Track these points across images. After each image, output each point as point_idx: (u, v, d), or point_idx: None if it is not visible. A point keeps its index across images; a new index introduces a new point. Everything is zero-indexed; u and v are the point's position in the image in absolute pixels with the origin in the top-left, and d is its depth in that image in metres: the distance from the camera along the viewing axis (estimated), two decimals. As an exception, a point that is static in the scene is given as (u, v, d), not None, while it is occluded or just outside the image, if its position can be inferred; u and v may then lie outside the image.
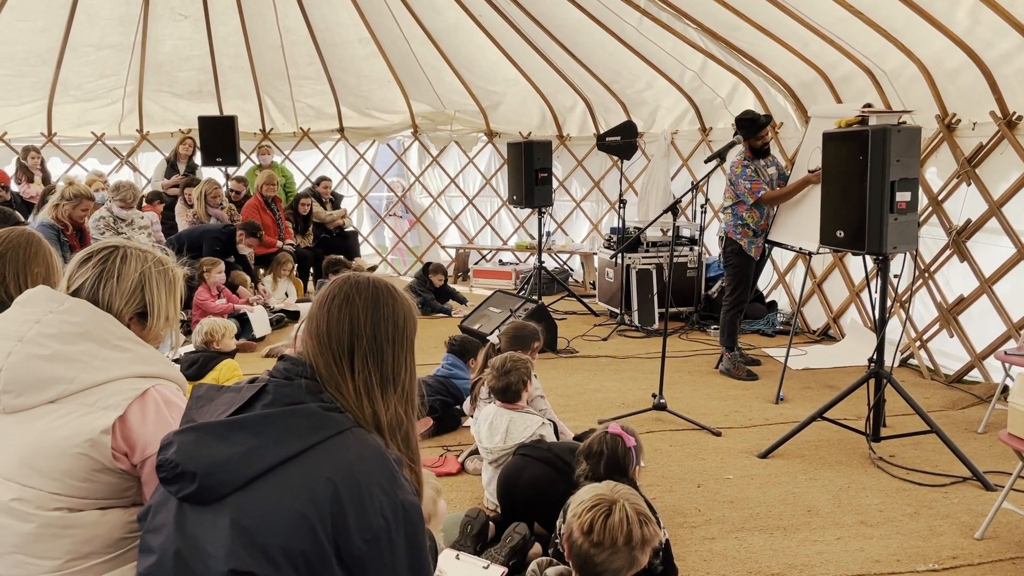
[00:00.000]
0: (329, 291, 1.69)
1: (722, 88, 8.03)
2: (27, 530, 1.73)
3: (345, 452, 1.52)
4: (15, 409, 1.77)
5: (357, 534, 1.47)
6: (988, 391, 5.36)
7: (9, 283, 2.47)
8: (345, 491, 1.47)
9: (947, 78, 5.63)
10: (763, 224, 6.06)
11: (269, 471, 1.48)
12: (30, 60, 9.05)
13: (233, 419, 1.56)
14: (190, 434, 1.55)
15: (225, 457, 1.49)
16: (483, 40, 9.21)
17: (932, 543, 3.45)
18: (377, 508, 1.49)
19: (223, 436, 1.52)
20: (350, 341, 1.63)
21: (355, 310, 1.65)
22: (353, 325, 1.64)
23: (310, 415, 1.55)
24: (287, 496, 1.46)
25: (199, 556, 1.47)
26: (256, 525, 1.45)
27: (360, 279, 1.71)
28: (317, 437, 1.52)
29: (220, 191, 8.57)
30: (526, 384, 3.80)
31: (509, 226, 11.07)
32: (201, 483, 1.48)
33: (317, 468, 1.49)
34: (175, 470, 1.50)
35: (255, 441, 1.51)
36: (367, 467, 1.52)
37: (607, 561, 2.18)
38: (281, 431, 1.52)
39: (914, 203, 4.13)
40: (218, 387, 1.70)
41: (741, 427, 4.95)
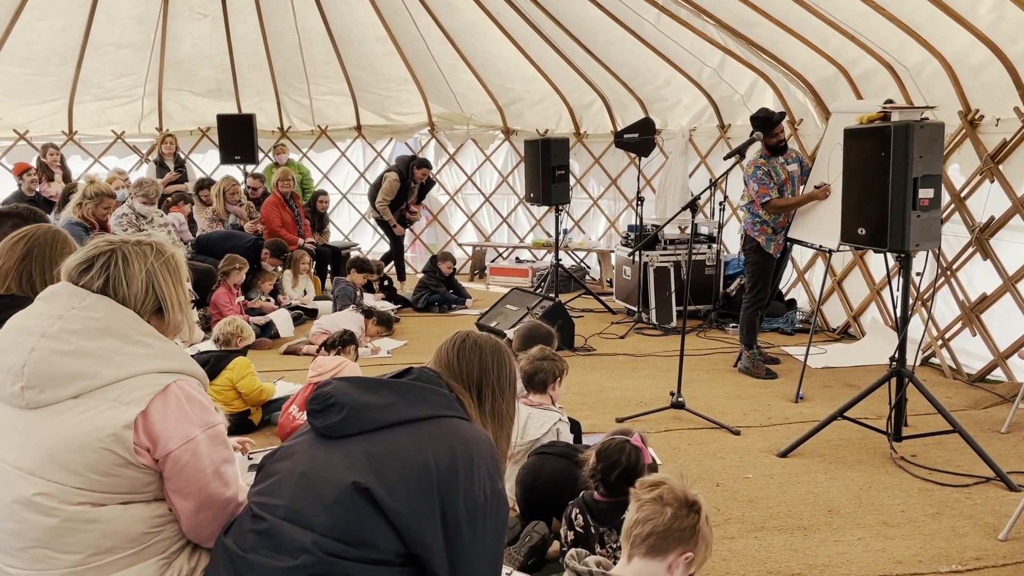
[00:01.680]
0: (458, 337, 2.11)
1: (741, 85, 7.98)
2: (50, 524, 1.74)
3: (465, 431, 1.84)
4: (38, 404, 1.78)
5: (462, 501, 1.71)
6: (1011, 390, 5.29)
7: (36, 279, 2.49)
8: (461, 460, 1.75)
9: (970, 74, 5.56)
10: (782, 221, 6.01)
11: (403, 424, 1.79)
12: (51, 59, 9.14)
13: (382, 378, 1.92)
14: (345, 382, 1.88)
15: (371, 402, 1.81)
16: (500, 38, 9.20)
17: (955, 544, 3.41)
18: (481, 484, 1.75)
19: (372, 389, 1.86)
20: (479, 376, 2.03)
21: (484, 354, 2.06)
22: (482, 365, 2.05)
23: (443, 396, 1.90)
24: (414, 447, 1.74)
25: (321, 472, 1.72)
26: (385, 457, 1.72)
27: (484, 335, 2.14)
28: (445, 412, 1.86)
29: (239, 188, 8.61)
30: (555, 379, 3.77)
31: (526, 224, 11.06)
32: (346, 415, 1.78)
33: (442, 434, 1.79)
34: (328, 400, 1.81)
35: (396, 398, 1.84)
36: (480, 448, 1.81)
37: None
38: (418, 397, 1.86)
39: (937, 200, 4.09)
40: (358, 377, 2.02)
41: (760, 426, 4.92)
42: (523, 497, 3.48)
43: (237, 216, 8.48)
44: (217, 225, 8.46)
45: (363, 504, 1.67)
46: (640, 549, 2.12)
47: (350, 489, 1.67)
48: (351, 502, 1.67)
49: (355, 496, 1.67)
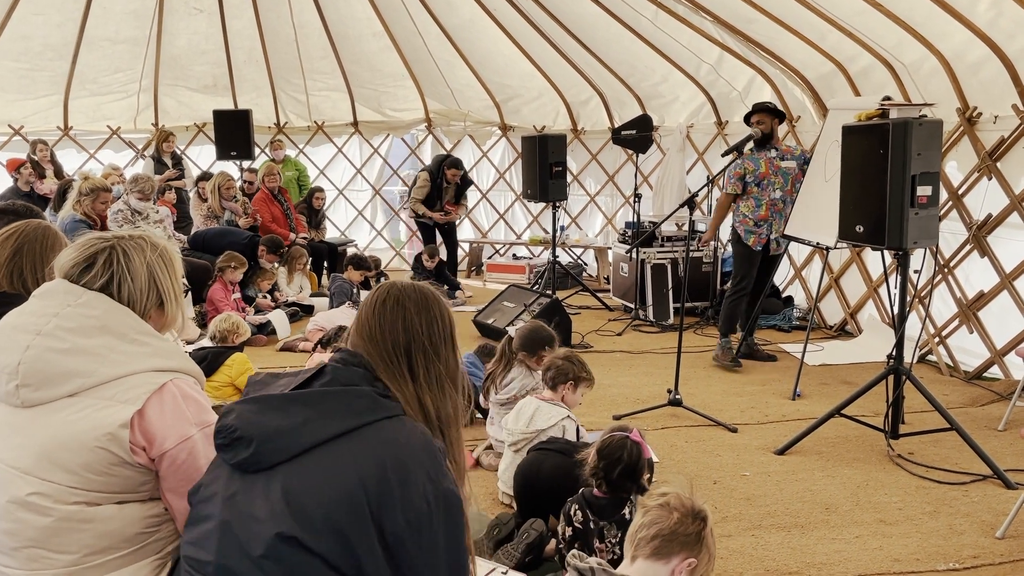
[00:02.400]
0: (377, 296, 1.79)
1: (739, 81, 7.97)
2: (45, 524, 1.72)
3: (394, 434, 1.60)
4: (33, 403, 1.77)
5: (400, 514, 1.53)
6: (1008, 388, 5.30)
7: (27, 276, 2.48)
8: (392, 471, 1.54)
9: (968, 71, 5.55)
10: (762, 215, 6.08)
11: (321, 444, 1.56)
12: (46, 54, 9.10)
13: (292, 393, 1.66)
14: (250, 404, 1.64)
15: (282, 426, 1.58)
16: (497, 34, 9.17)
17: (952, 542, 3.40)
18: (421, 491, 1.55)
19: (281, 408, 1.61)
20: (406, 342, 1.73)
21: (408, 313, 1.75)
22: (408, 326, 1.74)
23: (364, 396, 1.64)
24: (337, 469, 1.54)
25: (246, 521, 1.54)
26: (305, 493, 1.52)
27: (405, 284, 1.82)
28: (370, 417, 1.60)
29: (234, 183, 8.58)
30: (566, 382, 3.75)
31: (523, 220, 11.04)
32: (256, 449, 1.56)
33: (367, 446, 1.57)
34: (233, 434, 1.59)
35: (310, 414, 1.59)
36: (415, 451, 1.59)
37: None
38: (336, 408, 1.61)
39: (935, 197, 4.08)
40: (276, 374, 1.79)
41: (758, 423, 4.92)
42: (521, 494, 3.47)
43: (233, 212, 8.45)
44: (212, 222, 8.44)
45: (293, 553, 1.51)
46: (644, 551, 2.11)
47: (275, 541, 1.50)
48: (280, 555, 1.51)
49: (282, 547, 1.50)
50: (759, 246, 6.14)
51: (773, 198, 6.05)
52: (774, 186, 6.05)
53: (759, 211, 6.07)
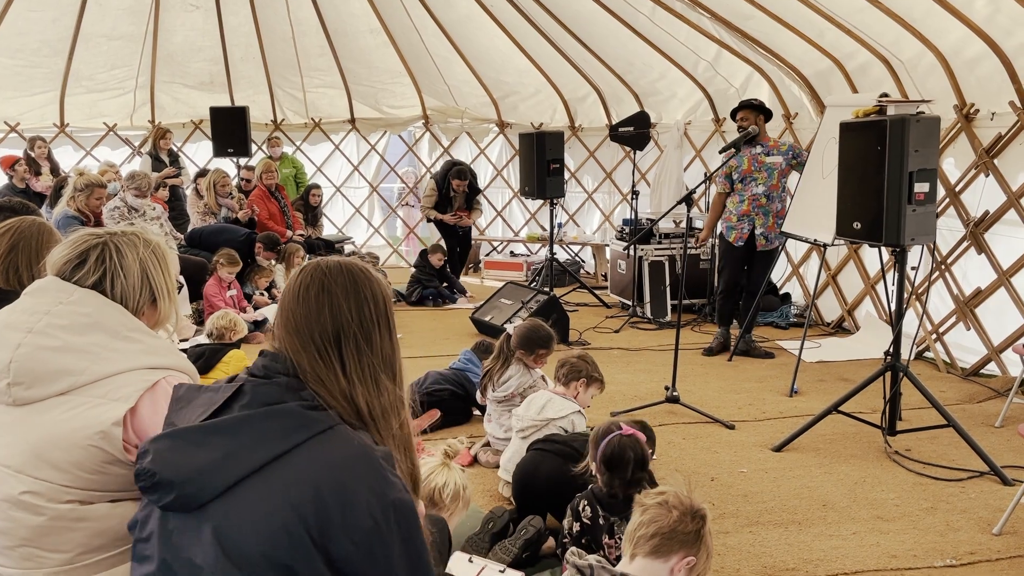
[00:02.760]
0: (301, 280, 1.60)
1: (736, 78, 7.96)
2: (38, 523, 1.71)
3: (328, 452, 1.45)
4: (25, 401, 1.76)
5: (345, 536, 1.41)
6: (1005, 385, 5.30)
7: (23, 273, 2.47)
8: (329, 493, 1.41)
9: (966, 67, 5.55)
10: (744, 210, 6.16)
11: (249, 476, 1.42)
12: (42, 51, 9.08)
13: (209, 423, 1.49)
14: (165, 441, 1.49)
15: (202, 464, 1.43)
16: (495, 30, 9.16)
17: (949, 538, 3.41)
18: (364, 508, 1.42)
19: (199, 442, 1.46)
20: (335, 332, 1.55)
21: (335, 298, 1.57)
22: (335, 314, 1.56)
23: (290, 415, 1.47)
24: (269, 501, 1.40)
25: (186, 567, 1.43)
26: (239, 533, 1.40)
27: (331, 264, 1.62)
28: (298, 438, 1.45)
29: (229, 180, 8.57)
30: (578, 380, 3.83)
31: (520, 217, 11.03)
32: (179, 491, 1.43)
33: (298, 471, 1.42)
34: (152, 479, 1.45)
35: (232, 445, 1.44)
36: (352, 466, 1.45)
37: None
38: (259, 434, 1.45)
39: (932, 194, 4.08)
40: (198, 387, 1.63)
41: (755, 420, 4.92)
42: (519, 493, 3.47)
43: (229, 209, 8.44)
44: (209, 219, 8.42)
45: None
46: (643, 549, 2.11)
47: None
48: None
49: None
50: (740, 242, 6.22)
51: (755, 193, 6.13)
52: (756, 182, 6.13)
53: (741, 206, 6.18)
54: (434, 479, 2.67)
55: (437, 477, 2.68)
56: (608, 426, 2.93)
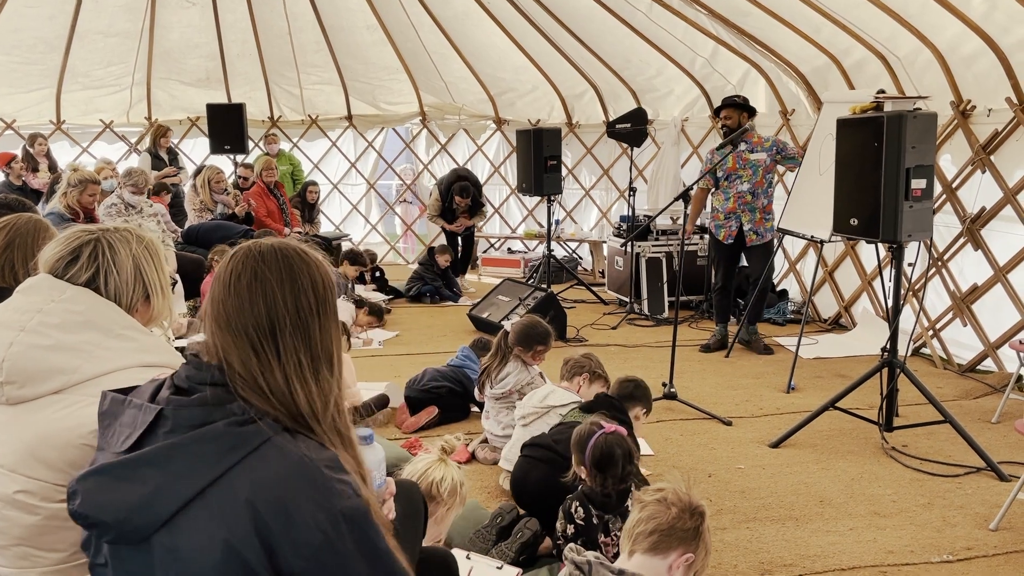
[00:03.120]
0: (231, 268, 1.47)
1: (733, 75, 7.96)
2: (32, 522, 1.70)
3: (263, 470, 1.36)
4: (18, 400, 1.75)
5: (292, 554, 1.33)
6: (1002, 380, 5.31)
7: (18, 270, 2.45)
8: (270, 515, 1.33)
9: (962, 64, 5.55)
10: (731, 207, 6.23)
11: (187, 504, 1.35)
12: (38, 47, 9.04)
13: (135, 456, 1.40)
14: (91, 480, 1.40)
15: (134, 501, 1.36)
16: (492, 27, 9.14)
17: (946, 534, 3.41)
18: (310, 523, 1.34)
19: (126, 477, 1.37)
20: (270, 324, 1.43)
21: (268, 287, 1.44)
22: (270, 305, 1.43)
23: (219, 437, 1.37)
24: (209, 529, 1.33)
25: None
26: (188, 563, 1.34)
27: (264, 248, 1.50)
28: (231, 460, 1.35)
29: (224, 176, 8.57)
30: (582, 375, 3.87)
31: (518, 214, 11.03)
32: (118, 530, 1.37)
33: (234, 494, 1.34)
34: (87, 521, 1.39)
35: (162, 478, 1.36)
36: (291, 483, 1.35)
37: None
38: (188, 462, 1.36)
39: (929, 190, 4.08)
40: (122, 400, 1.53)
41: (752, 416, 4.92)
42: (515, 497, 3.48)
43: (225, 205, 8.43)
44: (206, 215, 8.41)
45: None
46: (642, 545, 2.11)
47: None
48: None
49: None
50: (730, 239, 6.28)
51: (740, 191, 6.17)
52: (742, 179, 6.17)
53: (727, 204, 6.25)
54: (431, 474, 2.67)
55: (434, 472, 2.68)
56: (589, 427, 2.90)
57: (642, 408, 3.65)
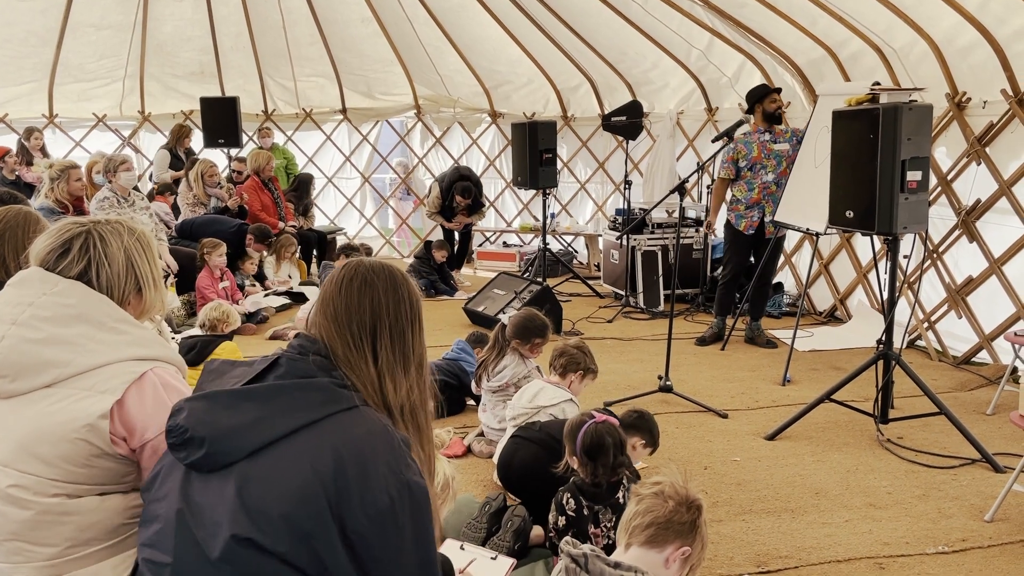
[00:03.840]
0: (345, 274, 1.70)
1: (729, 67, 7.95)
2: (25, 517, 1.69)
3: (352, 427, 1.53)
4: (10, 394, 1.73)
5: (360, 510, 1.46)
6: (997, 372, 5.32)
7: (9, 263, 2.44)
8: (350, 465, 1.47)
9: (958, 56, 5.55)
10: (755, 198, 6.13)
11: (276, 441, 1.50)
12: (30, 40, 8.98)
13: (243, 388, 1.57)
14: (200, 401, 1.56)
15: (233, 425, 1.51)
16: (487, 20, 9.11)
17: (941, 525, 3.42)
18: (382, 485, 1.48)
19: (232, 405, 1.54)
20: (372, 324, 1.65)
21: (376, 293, 1.67)
22: (375, 308, 1.66)
23: (320, 389, 1.56)
24: (292, 466, 1.47)
25: (202, 522, 1.48)
26: (260, 493, 1.46)
27: (374, 263, 1.73)
28: (325, 411, 1.53)
29: (216, 170, 8.54)
30: (575, 371, 3.82)
31: (513, 207, 11.01)
32: (209, 449, 1.50)
33: (323, 440, 1.49)
34: (184, 435, 1.52)
35: (263, 411, 1.52)
36: (374, 443, 1.52)
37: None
38: (289, 403, 1.53)
39: (925, 182, 4.07)
40: (232, 362, 1.71)
41: (748, 409, 4.93)
42: (501, 480, 3.50)
43: (219, 199, 8.41)
44: (199, 209, 8.38)
45: (251, 555, 1.44)
46: (639, 538, 2.11)
47: (231, 543, 1.44)
48: (237, 558, 1.45)
49: (239, 549, 1.44)
50: (751, 230, 6.18)
51: (765, 181, 6.11)
52: (767, 169, 6.10)
53: (751, 194, 6.13)
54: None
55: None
56: (580, 418, 2.94)
57: (641, 439, 3.56)
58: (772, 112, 6.09)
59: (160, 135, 10.23)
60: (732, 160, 6.14)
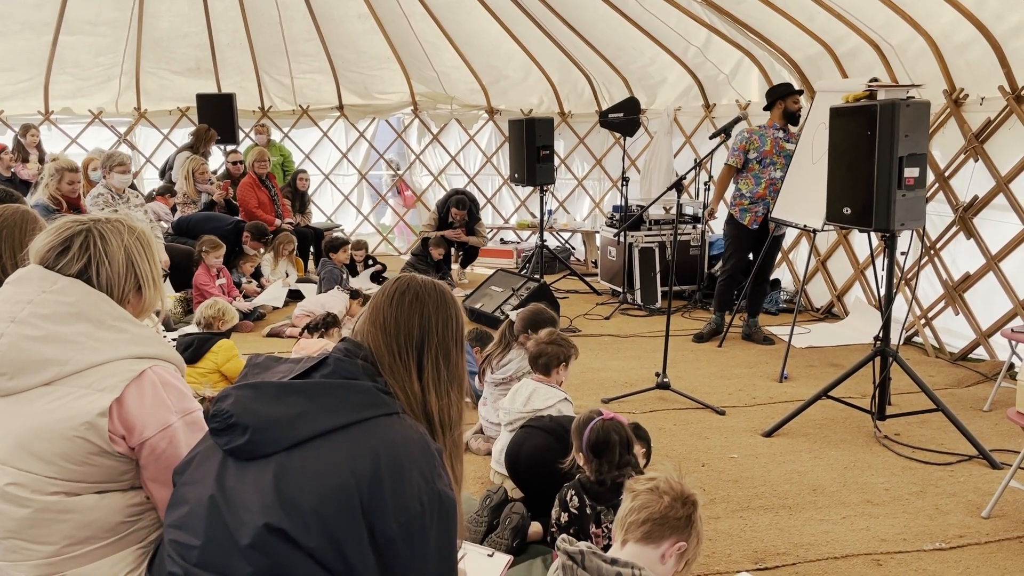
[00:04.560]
0: (397, 286, 1.76)
1: (726, 64, 7.94)
2: (23, 515, 1.69)
3: (391, 432, 1.57)
4: (9, 392, 1.73)
5: (392, 514, 1.49)
6: (994, 369, 5.33)
7: (6, 262, 2.44)
8: (386, 469, 1.50)
9: (955, 52, 5.54)
10: (760, 192, 6.14)
11: (317, 437, 1.53)
12: (25, 35, 8.94)
13: (290, 382, 1.61)
14: (248, 389, 1.60)
15: (277, 416, 1.54)
16: (484, 15, 9.09)
17: (938, 522, 3.43)
18: (415, 492, 1.51)
19: (278, 397, 1.58)
20: (420, 339, 1.70)
21: (426, 309, 1.73)
22: (424, 324, 1.71)
23: (364, 392, 1.60)
24: (330, 463, 1.50)
25: (234, 507, 1.51)
26: (297, 485, 1.49)
27: (426, 281, 1.78)
28: (368, 413, 1.57)
29: (206, 167, 8.54)
30: (559, 364, 3.80)
31: (510, 204, 11.00)
32: (251, 437, 1.53)
33: (363, 442, 1.53)
34: (228, 420, 1.55)
35: (308, 406, 1.56)
36: (410, 450, 1.55)
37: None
38: (334, 401, 1.57)
39: (922, 179, 4.07)
40: (276, 358, 1.76)
41: (745, 406, 4.93)
42: (509, 471, 3.49)
43: (210, 194, 8.41)
44: (190, 208, 8.38)
45: (280, 546, 1.47)
46: (635, 534, 2.11)
47: (263, 532, 1.47)
48: (267, 547, 1.47)
49: (270, 539, 1.47)
50: (755, 224, 6.18)
51: (773, 177, 6.12)
52: (776, 166, 6.12)
53: (757, 189, 6.14)
54: None
55: None
56: (588, 415, 2.94)
57: (641, 447, 3.57)
58: (794, 112, 6.11)
59: (156, 132, 10.21)
60: (743, 149, 6.12)
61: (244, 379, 1.70)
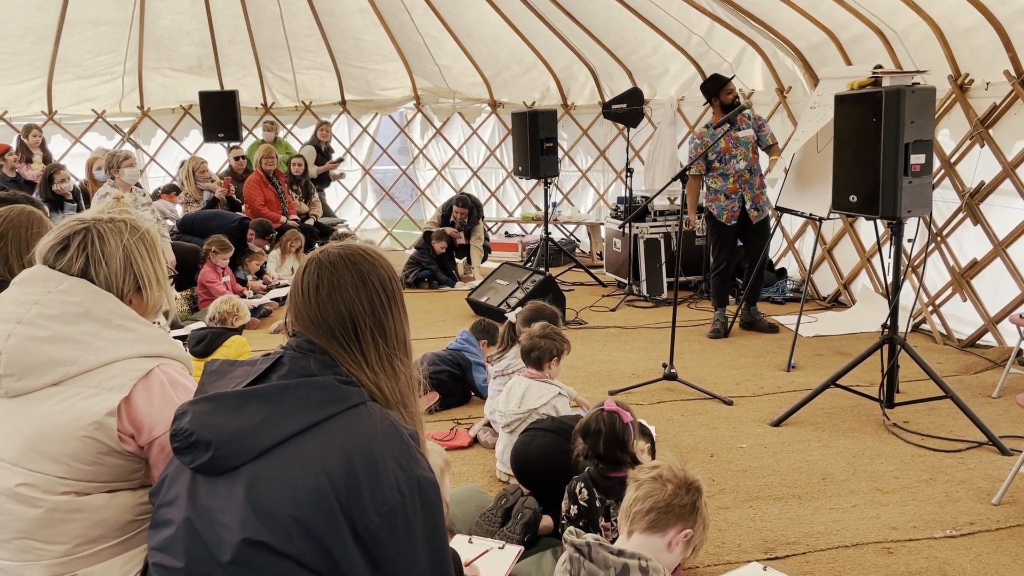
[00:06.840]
0: (307, 281, 1.63)
1: (729, 53, 7.90)
2: (34, 515, 1.69)
3: (360, 425, 1.51)
4: (17, 393, 1.73)
5: (372, 508, 1.45)
6: (1002, 355, 5.31)
7: (12, 263, 2.43)
8: (360, 463, 1.46)
9: (960, 37, 5.51)
10: (731, 187, 6.18)
11: (284, 442, 1.48)
12: (27, 37, 8.95)
13: (248, 389, 1.55)
14: (204, 404, 1.54)
15: (239, 427, 1.48)
16: (485, 7, 9.06)
17: (949, 509, 3.42)
18: (392, 482, 1.47)
19: (237, 406, 1.51)
20: (352, 325, 1.61)
21: (345, 295, 1.61)
22: (350, 310, 1.61)
23: (326, 387, 1.54)
24: (301, 467, 1.46)
25: (212, 526, 1.46)
26: (270, 495, 1.44)
27: (334, 258, 1.65)
28: (333, 409, 1.51)
29: (207, 166, 8.54)
30: (552, 359, 3.79)
31: (515, 197, 10.99)
32: (215, 452, 1.48)
33: (332, 440, 1.48)
34: (189, 439, 1.49)
35: (270, 411, 1.50)
36: (382, 440, 1.50)
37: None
38: (296, 402, 1.51)
39: (928, 166, 4.06)
40: (232, 362, 1.68)
41: (753, 395, 4.92)
42: (517, 473, 3.47)
43: (211, 192, 8.42)
44: (192, 207, 8.40)
45: (264, 557, 1.44)
46: (640, 524, 2.11)
47: (243, 547, 1.43)
48: (250, 561, 1.44)
49: (252, 553, 1.43)
50: (733, 220, 6.25)
51: (739, 169, 6.18)
52: (736, 158, 6.18)
53: (727, 184, 6.21)
54: None
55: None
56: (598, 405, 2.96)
57: (646, 442, 3.58)
58: (729, 103, 6.15)
59: (160, 130, 10.21)
60: (700, 155, 6.14)
61: (201, 388, 1.64)
